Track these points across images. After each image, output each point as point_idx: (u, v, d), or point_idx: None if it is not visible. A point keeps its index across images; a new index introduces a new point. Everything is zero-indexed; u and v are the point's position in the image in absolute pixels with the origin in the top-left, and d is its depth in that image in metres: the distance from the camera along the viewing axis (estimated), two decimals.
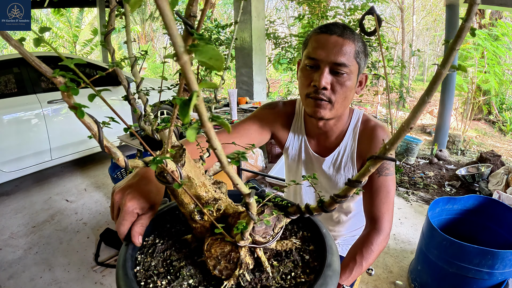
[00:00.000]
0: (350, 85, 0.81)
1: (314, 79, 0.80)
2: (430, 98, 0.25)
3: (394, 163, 0.89)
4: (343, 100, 0.82)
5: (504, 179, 2.78)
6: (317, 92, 0.80)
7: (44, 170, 3.28)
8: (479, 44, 4.45)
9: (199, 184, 0.44)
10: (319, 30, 0.82)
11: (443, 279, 1.57)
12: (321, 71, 0.79)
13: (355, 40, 0.80)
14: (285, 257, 0.48)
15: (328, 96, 0.81)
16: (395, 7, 11.77)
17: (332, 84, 0.80)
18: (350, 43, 0.79)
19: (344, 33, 0.79)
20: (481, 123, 6.20)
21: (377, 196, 0.84)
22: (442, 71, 0.23)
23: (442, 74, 0.24)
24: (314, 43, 0.81)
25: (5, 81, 2.72)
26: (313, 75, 0.81)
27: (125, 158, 0.33)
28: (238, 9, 0.54)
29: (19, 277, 1.85)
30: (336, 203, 0.40)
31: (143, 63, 7.98)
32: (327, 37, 0.78)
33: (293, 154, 1.03)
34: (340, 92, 0.80)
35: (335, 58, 0.78)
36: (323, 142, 0.98)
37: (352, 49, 0.79)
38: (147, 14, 10.75)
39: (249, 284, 0.43)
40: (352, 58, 0.80)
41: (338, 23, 0.82)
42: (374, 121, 0.93)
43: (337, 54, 0.78)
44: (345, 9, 3.94)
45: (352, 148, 0.93)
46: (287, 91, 7.01)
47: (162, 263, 0.47)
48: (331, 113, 0.84)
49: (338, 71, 0.79)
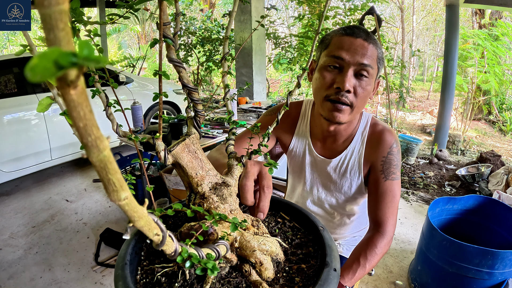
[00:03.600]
0: (369, 90, 0.81)
1: (337, 81, 0.78)
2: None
3: (400, 168, 0.89)
4: (362, 104, 0.81)
5: (504, 179, 2.78)
6: (340, 94, 0.78)
7: (44, 170, 3.28)
8: (479, 44, 4.45)
9: (192, 175, 0.46)
10: (343, 32, 0.80)
11: (443, 279, 1.57)
12: (345, 72, 0.77)
13: (377, 46, 0.80)
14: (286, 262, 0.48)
15: (351, 100, 0.79)
16: (395, 7, 11.78)
17: (355, 87, 0.78)
18: (374, 48, 0.79)
19: (368, 38, 0.78)
20: (481, 123, 6.21)
21: (383, 200, 0.84)
22: None
23: None
24: (338, 44, 0.79)
25: (5, 81, 2.72)
26: (335, 76, 0.79)
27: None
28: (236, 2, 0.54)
29: (19, 277, 1.85)
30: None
31: (143, 63, 7.91)
32: (353, 40, 0.77)
33: (298, 157, 1.01)
34: (361, 96, 0.79)
35: (361, 59, 0.76)
36: (330, 145, 0.96)
37: (375, 54, 0.79)
38: (147, 14, 10.75)
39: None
40: (375, 62, 0.79)
41: (361, 27, 0.81)
42: (382, 125, 0.92)
43: (363, 56, 0.77)
44: (345, 9, 3.94)
45: (360, 153, 0.92)
46: (287, 91, 7.01)
47: (162, 263, 0.47)
48: (349, 118, 0.82)
49: (362, 74, 0.78)
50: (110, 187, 0.18)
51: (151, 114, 3.76)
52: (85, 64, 0.12)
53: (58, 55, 0.12)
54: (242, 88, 0.83)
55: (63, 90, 0.14)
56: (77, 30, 0.41)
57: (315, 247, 0.50)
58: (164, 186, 2.24)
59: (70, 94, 0.14)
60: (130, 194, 0.20)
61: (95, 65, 0.12)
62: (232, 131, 0.56)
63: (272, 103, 2.80)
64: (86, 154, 0.16)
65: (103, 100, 0.45)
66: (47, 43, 0.12)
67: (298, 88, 0.59)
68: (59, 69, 0.12)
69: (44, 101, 0.32)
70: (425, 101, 8.88)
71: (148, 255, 0.49)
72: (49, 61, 0.11)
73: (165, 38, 0.40)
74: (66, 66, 0.12)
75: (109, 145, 0.16)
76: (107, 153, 0.16)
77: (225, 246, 0.40)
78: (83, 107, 0.14)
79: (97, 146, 0.16)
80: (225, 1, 11.32)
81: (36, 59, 0.11)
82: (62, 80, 0.13)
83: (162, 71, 0.41)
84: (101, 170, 0.17)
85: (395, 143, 0.89)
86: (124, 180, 0.38)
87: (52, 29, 0.12)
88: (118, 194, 0.19)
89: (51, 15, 0.12)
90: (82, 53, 0.12)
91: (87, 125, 0.15)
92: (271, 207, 0.65)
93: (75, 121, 0.14)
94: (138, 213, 0.22)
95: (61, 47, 0.13)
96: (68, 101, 0.14)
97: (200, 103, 0.49)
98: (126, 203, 0.20)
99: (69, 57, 0.12)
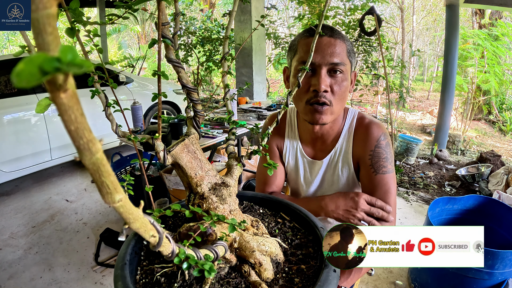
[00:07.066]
0: (346, 85, 0.81)
1: (312, 84, 0.79)
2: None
3: (392, 161, 0.87)
4: (341, 100, 0.82)
5: (504, 179, 2.78)
6: (318, 96, 0.78)
7: (44, 170, 3.28)
8: (479, 44, 4.45)
9: (191, 175, 0.46)
10: (307, 34, 0.81)
11: (443, 279, 1.57)
12: (318, 74, 0.78)
13: (344, 39, 0.80)
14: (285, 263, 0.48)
15: (329, 99, 0.79)
16: (395, 7, 11.77)
17: (331, 85, 0.79)
18: (341, 42, 0.79)
19: (333, 33, 0.79)
20: (481, 123, 6.20)
21: (376, 195, 0.82)
22: None
23: None
24: (305, 47, 0.79)
25: (5, 81, 2.72)
26: (309, 80, 0.79)
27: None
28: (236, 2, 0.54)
29: (19, 277, 1.85)
30: None
31: (143, 63, 7.89)
32: (318, 40, 0.76)
33: (291, 163, 1.02)
34: (338, 92, 0.80)
35: (331, 59, 0.77)
36: (320, 146, 0.96)
37: (344, 48, 0.79)
38: (147, 14, 10.74)
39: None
40: (345, 57, 0.80)
41: (324, 25, 0.80)
42: (369, 119, 0.91)
43: (332, 55, 0.77)
44: (345, 9, 3.94)
45: (348, 147, 0.91)
46: (287, 91, 7.00)
47: (162, 263, 0.47)
48: (332, 117, 0.82)
49: (336, 70, 0.78)
50: (104, 190, 0.18)
51: (151, 114, 3.76)
52: (68, 70, 0.12)
53: (43, 61, 0.12)
54: (242, 88, 0.83)
55: (53, 94, 0.13)
56: (77, 30, 0.41)
57: (315, 248, 0.50)
58: (164, 186, 2.24)
59: (60, 97, 0.14)
60: (125, 196, 0.20)
61: (78, 70, 0.12)
62: (232, 131, 0.56)
63: (272, 103, 2.79)
64: (79, 156, 0.16)
65: (103, 101, 0.45)
66: (36, 47, 0.12)
67: (298, 88, 0.59)
68: (43, 74, 0.12)
69: (42, 101, 0.32)
70: (425, 101, 8.88)
71: (148, 255, 0.49)
72: (34, 67, 0.11)
73: (164, 38, 0.40)
74: (50, 72, 0.12)
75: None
76: (99, 156, 0.16)
77: (224, 247, 0.40)
78: (74, 110, 0.14)
79: (89, 149, 0.16)
80: (225, 1, 11.32)
81: (22, 64, 0.11)
82: (51, 84, 0.13)
83: (161, 71, 0.41)
84: (94, 172, 0.17)
85: (382, 135, 0.86)
86: (123, 180, 0.38)
87: (40, 33, 0.12)
88: (112, 196, 0.18)
89: (39, 19, 0.12)
90: (65, 58, 0.12)
91: (78, 128, 0.15)
92: (271, 207, 0.65)
93: (66, 124, 0.14)
94: (134, 215, 0.22)
95: (50, 51, 0.13)
96: (59, 105, 0.14)
97: (200, 103, 0.49)
98: (121, 205, 0.20)
99: (53, 62, 0.12)
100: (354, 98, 6.20)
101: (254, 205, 0.65)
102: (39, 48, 0.12)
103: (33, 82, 0.12)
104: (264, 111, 2.54)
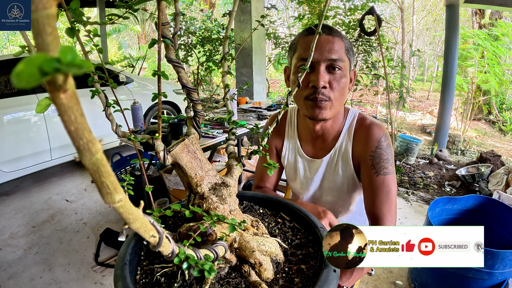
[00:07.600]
0: (345, 81, 0.82)
1: (311, 80, 0.80)
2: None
3: (393, 162, 0.88)
4: (340, 96, 0.83)
5: (504, 179, 2.78)
6: (317, 92, 0.80)
7: (44, 170, 3.28)
8: (479, 44, 4.45)
9: (191, 176, 0.46)
10: (306, 32, 0.83)
11: (443, 279, 1.57)
12: (317, 70, 0.79)
13: (342, 37, 0.82)
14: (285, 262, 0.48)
15: (328, 95, 0.80)
16: (395, 7, 11.77)
17: (330, 82, 0.80)
18: (339, 40, 0.81)
19: (331, 32, 0.80)
20: (481, 123, 6.20)
21: (377, 196, 0.83)
22: None
23: None
24: (305, 45, 0.81)
25: (5, 81, 2.72)
26: (308, 76, 0.81)
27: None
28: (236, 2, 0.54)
29: (19, 277, 1.85)
30: None
31: (143, 63, 7.90)
32: (317, 37, 0.79)
33: (290, 163, 1.02)
34: (337, 88, 0.81)
35: (329, 55, 0.78)
36: (320, 145, 0.96)
37: (342, 45, 0.81)
38: (147, 14, 10.74)
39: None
40: (344, 54, 0.81)
41: (323, 24, 0.83)
42: (370, 120, 0.91)
43: (330, 51, 0.79)
44: (345, 9, 3.94)
45: (348, 147, 0.92)
46: (287, 91, 7.01)
47: (162, 263, 0.47)
48: (331, 112, 0.83)
49: (335, 67, 0.80)
50: (104, 190, 0.18)
51: (151, 114, 3.76)
52: (68, 70, 0.12)
53: (42, 61, 0.12)
54: (242, 88, 0.83)
55: (53, 94, 0.13)
56: (77, 30, 0.41)
57: (315, 248, 0.50)
58: (164, 186, 2.24)
59: (60, 98, 0.14)
60: (125, 196, 0.20)
61: (78, 70, 0.12)
62: (232, 131, 0.56)
63: (272, 103, 2.79)
64: (79, 157, 0.16)
65: (103, 101, 0.45)
66: (36, 47, 0.12)
67: (298, 88, 0.59)
68: (43, 75, 0.12)
69: (42, 101, 0.32)
70: (425, 101, 8.88)
71: (148, 255, 0.49)
72: (34, 67, 0.11)
73: (164, 38, 0.40)
74: (49, 72, 0.12)
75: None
76: (99, 156, 0.16)
77: (224, 247, 0.40)
78: (74, 110, 0.14)
79: (89, 149, 0.16)
80: (225, 1, 11.31)
81: (22, 65, 0.11)
82: (51, 84, 0.13)
83: (161, 71, 0.41)
84: (94, 173, 0.17)
85: (383, 137, 0.87)
86: (123, 180, 0.38)
87: (40, 33, 0.12)
88: (112, 197, 0.18)
89: (39, 19, 0.12)
90: (65, 59, 0.12)
91: (78, 128, 0.15)
92: (271, 207, 0.65)
93: (66, 125, 0.14)
94: (133, 215, 0.22)
95: (49, 52, 0.12)
96: (59, 105, 0.14)
97: (200, 103, 0.49)
98: (121, 205, 0.20)
99: (53, 63, 0.12)
100: (354, 98, 6.20)
101: (254, 205, 0.65)
102: (39, 48, 0.12)
103: (33, 83, 0.12)
104: (264, 111, 2.54)
